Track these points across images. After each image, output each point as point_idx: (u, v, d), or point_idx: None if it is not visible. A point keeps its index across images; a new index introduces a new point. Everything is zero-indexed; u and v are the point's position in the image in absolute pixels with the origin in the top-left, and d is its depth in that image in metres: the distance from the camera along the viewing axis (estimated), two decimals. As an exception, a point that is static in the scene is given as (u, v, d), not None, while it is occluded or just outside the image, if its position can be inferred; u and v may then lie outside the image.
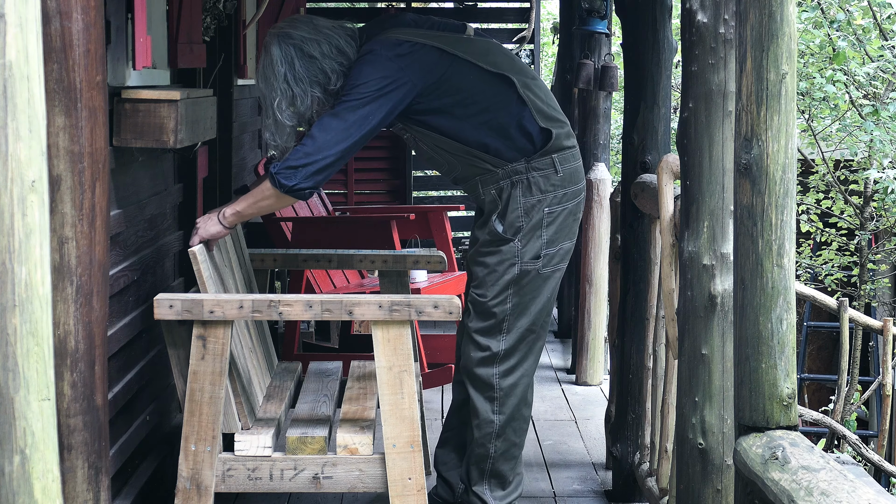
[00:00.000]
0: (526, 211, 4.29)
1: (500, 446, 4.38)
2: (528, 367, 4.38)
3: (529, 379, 4.41)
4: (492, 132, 4.29)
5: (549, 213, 4.30)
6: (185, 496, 3.82)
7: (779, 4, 2.64)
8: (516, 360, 4.35)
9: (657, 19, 4.71)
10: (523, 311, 4.33)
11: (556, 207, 4.30)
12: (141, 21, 3.96)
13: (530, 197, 4.29)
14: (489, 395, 4.36)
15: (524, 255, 4.29)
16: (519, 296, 4.31)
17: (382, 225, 6.23)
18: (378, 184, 9.21)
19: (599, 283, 6.79)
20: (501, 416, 4.36)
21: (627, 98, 4.84)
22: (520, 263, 4.29)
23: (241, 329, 4.19)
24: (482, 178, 4.34)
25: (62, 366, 2.85)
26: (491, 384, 4.35)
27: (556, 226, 4.31)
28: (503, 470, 4.41)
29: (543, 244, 4.30)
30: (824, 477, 2.30)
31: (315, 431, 3.93)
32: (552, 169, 4.30)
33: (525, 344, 4.35)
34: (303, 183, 4.11)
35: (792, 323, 2.68)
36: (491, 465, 4.40)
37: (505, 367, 4.35)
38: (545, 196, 4.29)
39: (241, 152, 7.32)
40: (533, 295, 4.33)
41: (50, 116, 2.81)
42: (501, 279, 4.31)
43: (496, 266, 4.32)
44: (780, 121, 2.65)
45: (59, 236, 2.86)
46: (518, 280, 4.30)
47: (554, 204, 4.30)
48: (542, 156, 4.29)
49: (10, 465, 2.14)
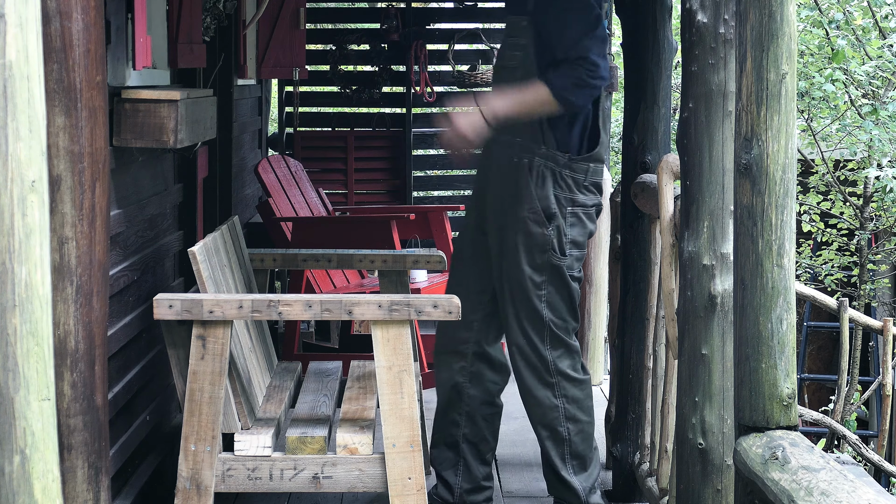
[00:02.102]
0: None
1: (573, 428, 4.40)
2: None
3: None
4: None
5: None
6: (184, 496, 3.82)
7: (779, 4, 2.64)
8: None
9: (657, 19, 4.71)
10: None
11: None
12: (141, 21, 3.96)
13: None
14: (547, 381, 4.39)
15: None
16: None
17: (382, 225, 6.23)
18: (378, 184, 9.21)
19: (599, 283, 6.79)
20: (564, 398, 4.40)
21: (627, 98, 4.84)
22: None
23: (240, 329, 4.19)
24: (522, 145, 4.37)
25: (62, 366, 2.86)
26: (548, 370, 4.39)
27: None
28: (582, 450, 4.42)
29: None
30: (824, 477, 2.30)
31: (315, 431, 3.93)
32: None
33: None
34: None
35: (792, 323, 2.68)
36: (569, 448, 4.42)
37: (558, 352, 4.38)
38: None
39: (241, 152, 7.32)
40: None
41: (50, 116, 2.81)
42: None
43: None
44: (780, 121, 2.65)
45: (59, 236, 2.86)
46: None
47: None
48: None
49: (10, 465, 2.14)
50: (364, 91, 9.05)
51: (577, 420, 4.40)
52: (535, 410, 4.42)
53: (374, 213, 7.39)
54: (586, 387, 4.45)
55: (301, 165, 7.34)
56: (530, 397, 4.42)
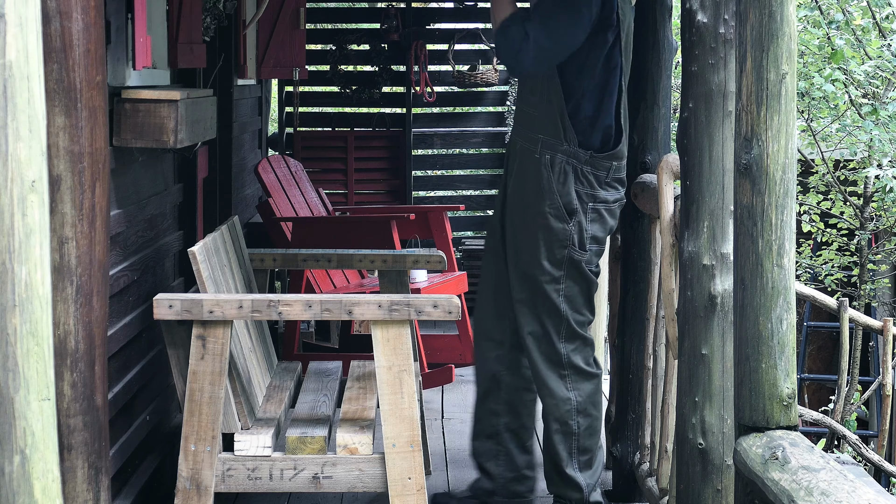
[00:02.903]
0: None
1: (583, 422, 4.43)
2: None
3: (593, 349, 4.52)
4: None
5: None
6: (184, 496, 3.82)
7: (779, 4, 2.64)
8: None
9: (657, 19, 4.71)
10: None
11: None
12: (141, 21, 3.96)
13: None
14: (560, 373, 4.43)
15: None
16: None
17: (382, 225, 6.23)
18: (378, 184, 9.21)
19: (599, 283, 6.77)
20: (576, 391, 4.43)
21: (628, 98, 4.83)
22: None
23: (240, 329, 4.19)
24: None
25: (62, 366, 2.86)
26: (561, 362, 4.43)
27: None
28: (589, 445, 4.46)
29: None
30: (824, 477, 2.30)
31: (315, 431, 3.93)
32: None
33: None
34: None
35: (792, 323, 2.68)
36: (577, 442, 4.45)
37: (574, 346, 4.42)
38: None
39: (241, 152, 7.32)
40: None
41: (50, 116, 2.81)
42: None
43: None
44: (780, 121, 2.65)
45: (59, 236, 2.86)
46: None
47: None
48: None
49: (10, 465, 2.14)
50: (364, 91, 9.05)
51: (587, 414, 4.44)
52: (548, 402, 4.46)
53: (374, 213, 7.38)
54: (598, 381, 4.49)
55: (301, 165, 7.34)
56: (544, 388, 4.46)
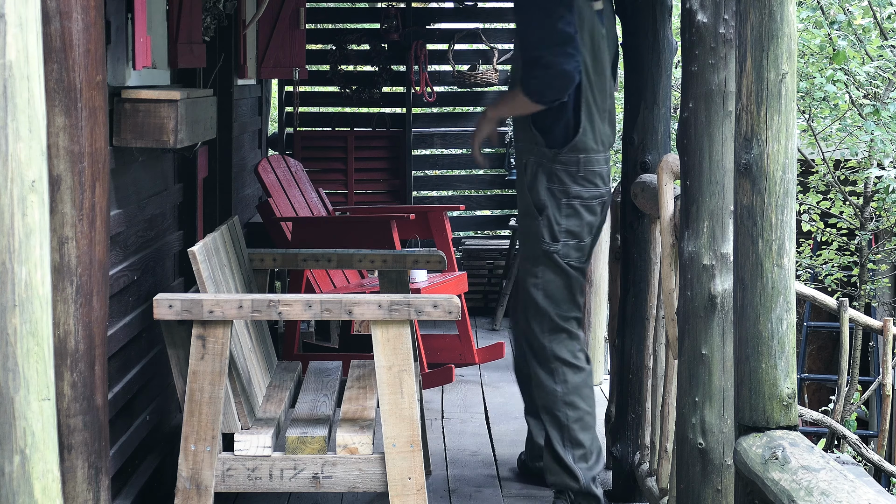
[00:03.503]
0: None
1: (571, 414, 4.53)
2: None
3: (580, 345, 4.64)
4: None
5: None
6: (184, 496, 3.82)
7: (779, 4, 2.64)
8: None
9: (657, 19, 4.71)
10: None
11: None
12: (141, 21, 3.96)
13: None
14: (547, 367, 4.55)
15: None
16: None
17: (382, 225, 6.23)
18: (378, 184, 9.20)
19: (599, 283, 6.79)
20: (563, 384, 4.54)
21: (627, 98, 4.84)
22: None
23: (240, 329, 4.19)
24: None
25: (62, 366, 2.86)
26: (546, 356, 4.56)
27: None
28: (582, 438, 4.54)
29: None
30: (824, 477, 2.30)
31: (315, 431, 3.93)
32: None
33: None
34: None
35: (792, 323, 2.68)
36: (569, 434, 4.54)
37: (557, 339, 4.55)
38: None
39: (241, 152, 7.32)
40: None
41: (50, 116, 2.81)
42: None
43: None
44: (780, 121, 2.65)
45: (59, 236, 2.86)
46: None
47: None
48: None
49: (10, 465, 2.14)
50: (364, 91, 9.05)
51: (575, 406, 4.53)
52: (538, 393, 4.59)
53: (374, 213, 7.38)
54: (585, 374, 4.58)
55: (301, 165, 7.34)
56: (535, 380, 4.60)
